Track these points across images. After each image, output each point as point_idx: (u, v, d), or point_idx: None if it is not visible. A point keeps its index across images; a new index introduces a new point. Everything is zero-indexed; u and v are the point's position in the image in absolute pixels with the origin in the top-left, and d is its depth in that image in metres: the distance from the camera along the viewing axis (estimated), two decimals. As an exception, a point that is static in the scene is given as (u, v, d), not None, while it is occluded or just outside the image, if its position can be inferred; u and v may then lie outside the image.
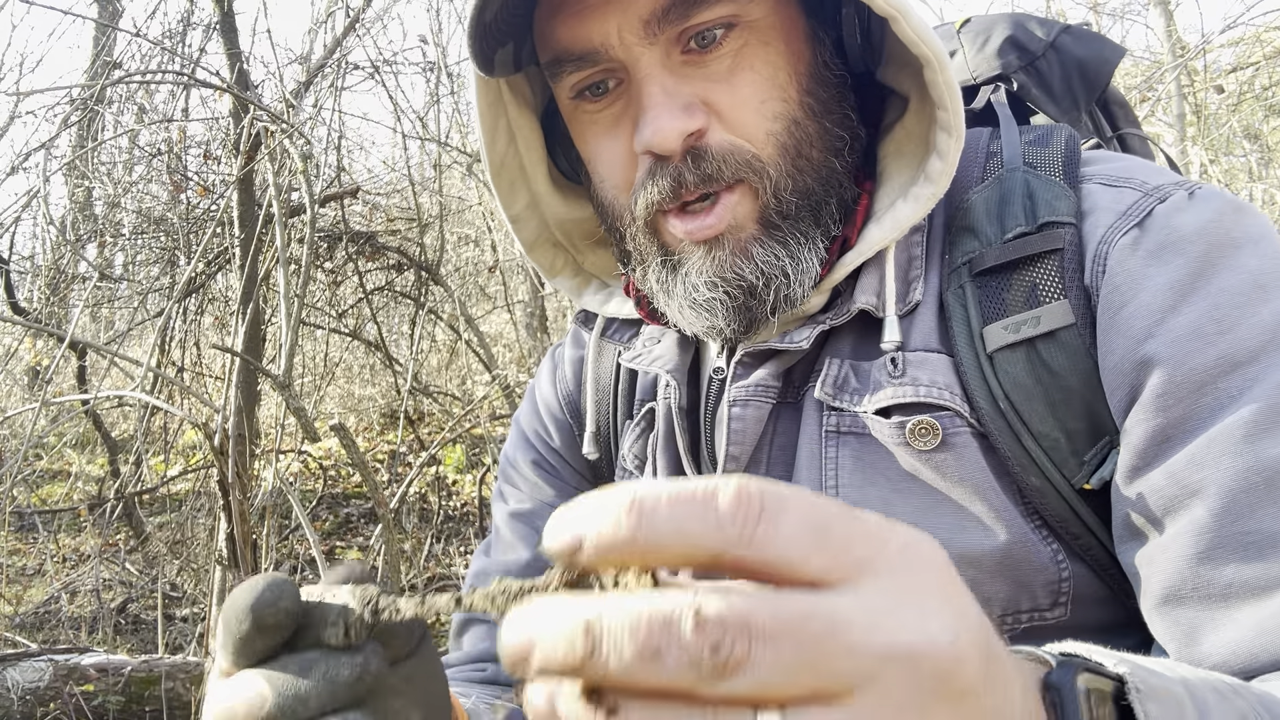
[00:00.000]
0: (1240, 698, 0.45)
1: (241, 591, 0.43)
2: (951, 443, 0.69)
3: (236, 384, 2.79)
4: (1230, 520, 0.59)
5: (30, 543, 5.30)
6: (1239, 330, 0.63)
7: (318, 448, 5.32)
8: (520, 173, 0.87)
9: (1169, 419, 0.63)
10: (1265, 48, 5.18)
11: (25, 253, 6.46)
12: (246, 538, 2.50)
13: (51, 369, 3.44)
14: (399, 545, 3.00)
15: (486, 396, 4.92)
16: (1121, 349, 0.65)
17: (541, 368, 1.03)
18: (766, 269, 0.71)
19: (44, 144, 3.60)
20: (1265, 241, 0.67)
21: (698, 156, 0.69)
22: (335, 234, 4.75)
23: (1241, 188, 5.56)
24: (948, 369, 0.70)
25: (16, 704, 2.82)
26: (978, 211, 0.74)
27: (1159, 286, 0.65)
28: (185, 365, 4.94)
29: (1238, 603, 0.58)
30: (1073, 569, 0.69)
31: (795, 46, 0.72)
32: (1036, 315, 0.68)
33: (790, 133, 0.71)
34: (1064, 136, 0.76)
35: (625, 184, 0.75)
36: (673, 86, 0.68)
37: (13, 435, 4.74)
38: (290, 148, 3.21)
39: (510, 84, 0.83)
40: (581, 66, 0.71)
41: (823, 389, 0.75)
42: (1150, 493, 0.63)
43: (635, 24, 0.67)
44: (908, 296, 0.74)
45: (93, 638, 3.97)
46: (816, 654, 0.28)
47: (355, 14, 4.56)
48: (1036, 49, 0.91)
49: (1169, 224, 0.67)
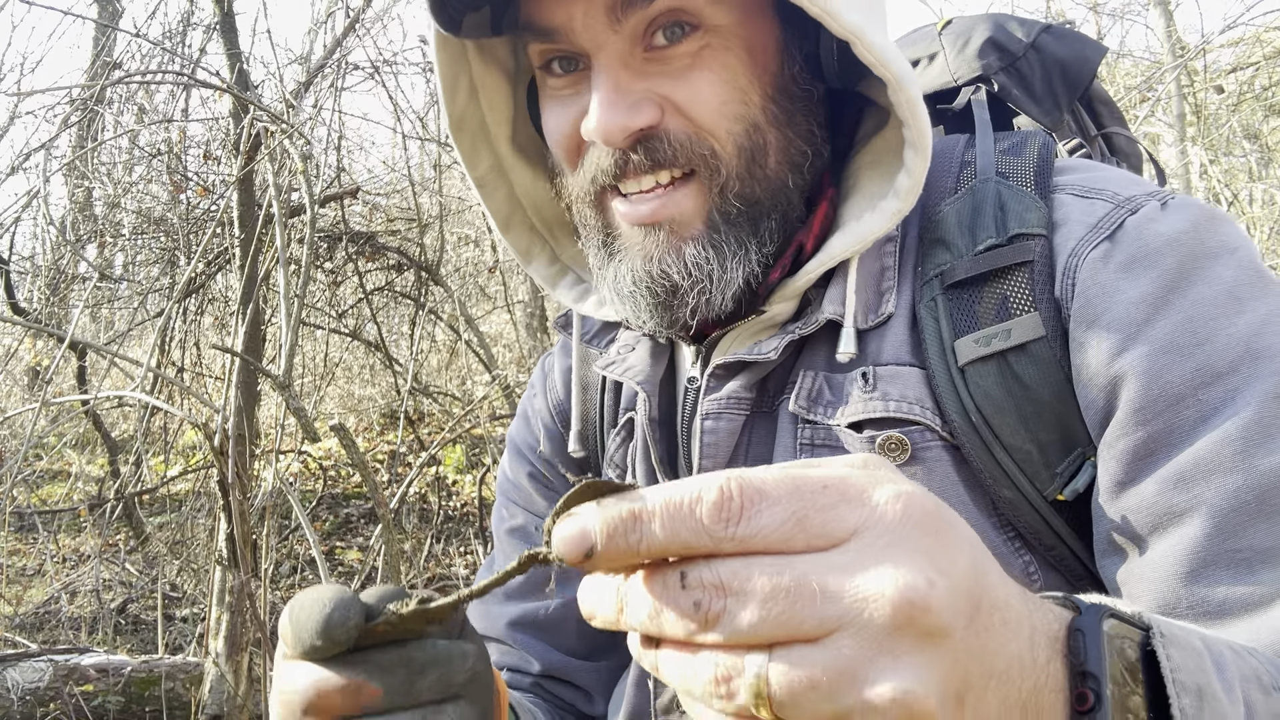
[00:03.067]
0: (1253, 656, 0.46)
1: (309, 609, 0.47)
2: (922, 457, 0.69)
3: (236, 384, 2.79)
4: (1221, 538, 0.59)
5: (30, 543, 5.30)
6: (1215, 342, 0.62)
7: (318, 448, 5.32)
8: (482, 130, 0.86)
9: (1149, 433, 0.62)
10: (1265, 48, 5.18)
11: (25, 253, 6.47)
12: (246, 538, 2.50)
13: (51, 369, 3.44)
14: (399, 545, 3.00)
15: (486, 396, 4.92)
16: (1095, 363, 0.65)
17: (532, 379, 1.04)
18: (694, 271, 0.71)
19: (44, 144, 3.60)
20: (1240, 251, 0.67)
21: (650, 142, 0.69)
22: (335, 234, 4.75)
23: (1241, 188, 5.56)
24: (919, 382, 0.70)
25: (16, 704, 2.82)
26: (949, 223, 0.73)
27: (1131, 300, 0.65)
28: (185, 365, 4.94)
29: (1232, 619, 0.58)
30: (1045, 580, 0.69)
31: (761, 57, 0.72)
32: (1007, 328, 0.68)
33: (750, 136, 0.71)
34: (1037, 145, 0.76)
35: (572, 160, 0.75)
36: (626, 83, 0.69)
37: (13, 435, 4.74)
38: (290, 148, 3.21)
39: (481, 45, 0.83)
40: (542, 39, 0.72)
41: (797, 402, 0.75)
42: (1136, 509, 0.63)
43: (599, 10, 0.68)
44: (880, 308, 0.74)
45: (93, 638, 3.97)
46: (787, 605, 0.33)
47: (355, 14, 4.56)
48: (1017, 50, 0.91)
49: (1140, 236, 0.67)
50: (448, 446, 5.92)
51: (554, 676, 0.96)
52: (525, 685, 0.96)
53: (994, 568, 0.39)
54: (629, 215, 0.72)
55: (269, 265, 3.68)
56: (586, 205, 0.76)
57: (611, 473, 0.89)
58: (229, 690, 2.78)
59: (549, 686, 0.96)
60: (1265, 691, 0.45)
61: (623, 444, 0.88)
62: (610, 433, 0.90)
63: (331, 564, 5.00)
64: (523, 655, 0.95)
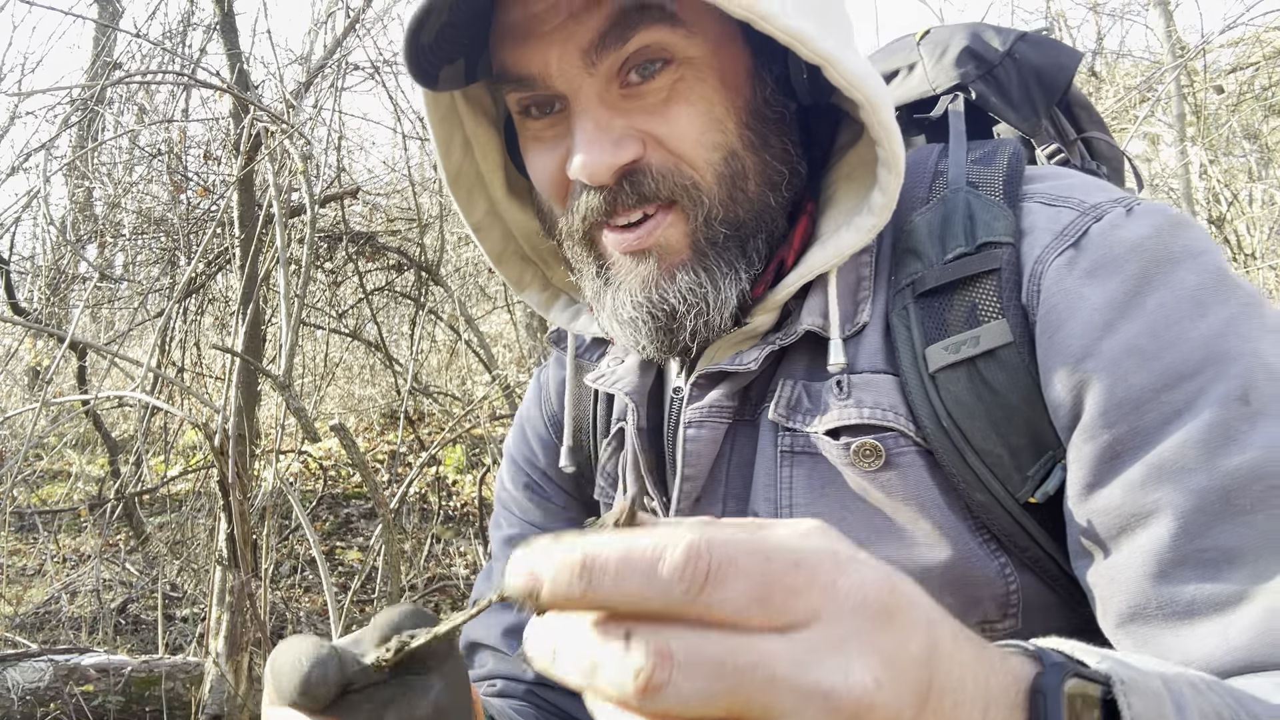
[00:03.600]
0: (1213, 692, 0.46)
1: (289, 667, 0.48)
2: (896, 462, 0.71)
3: (236, 384, 2.79)
4: (1188, 539, 0.60)
5: (30, 543, 5.30)
6: (1179, 346, 0.63)
7: (318, 448, 5.32)
8: (478, 180, 0.89)
9: (1114, 436, 0.63)
10: (1265, 48, 5.18)
11: (25, 253, 6.47)
12: (246, 538, 2.50)
13: (52, 369, 3.44)
14: (399, 545, 3.00)
15: (486, 396, 4.92)
16: (1062, 368, 0.66)
17: (528, 392, 1.05)
18: (689, 295, 0.73)
19: (44, 144, 3.60)
20: (1204, 256, 0.67)
21: (634, 176, 0.71)
22: (335, 234, 4.75)
23: (1241, 188, 5.57)
24: (893, 389, 0.72)
25: (17, 704, 2.82)
26: (920, 233, 0.75)
27: (1095, 305, 0.66)
28: (185, 365, 4.94)
29: (1201, 619, 0.59)
30: (1021, 580, 0.70)
31: (734, 83, 0.73)
32: (976, 335, 0.69)
33: (728, 164, 0.72)
34: (1007, 154, 0.77)
35: (561, 200, 0.77)
36: (606, 121, 0.70)
37: (13, 435, 4.74)
38: (290, 148, 3.22)
39: (466, 94, 0.84)
40: (520, 88, 0.73)
41: (776, 410, 0.76)
42: (1104, 511, 0.64)
43: (574, 55, 0.69)
44: (855, 317, 0.75)
45: (93, 638, 3.97)
46: (737, 687, 0.32)
47: (355, 14, 4.56)
48: (993, 58, 0.92)
49: (1104, 242, 0.68)
50: (448, 446, 5.92)
51: (547, 684, 0.96)
52: (519, 693, 0.96)
53: (948, 643, 0.38)
54: (618, 244, 0.74)
55: (269, 265, 3.68)
56: (578, 242, 0.77)
57: (603, 481, 0.91)
58: (229, 690, 2.79)
59: (542, 694, 0.97)
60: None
61: (614, 454, 0.89)
62: (603, 443, 0.91)
63: (331, 564, 5.00)
64: (516, 663, 0.97)
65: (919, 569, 0.70)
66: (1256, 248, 5.36)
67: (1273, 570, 0.57)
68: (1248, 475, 0.59)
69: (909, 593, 0.37)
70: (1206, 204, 5.48)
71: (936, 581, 0.70)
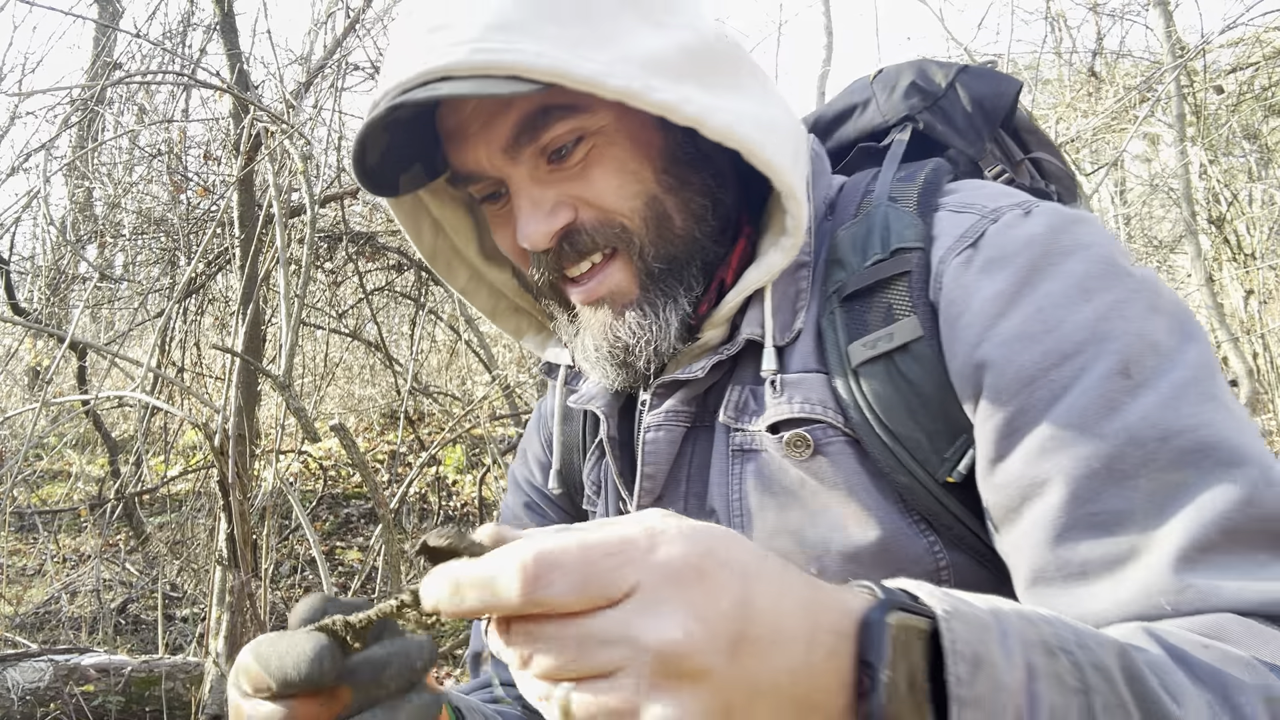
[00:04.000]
0: (1048, 624, 0.50)
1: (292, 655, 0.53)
2: (825, 451, 0.79)
3: (236, 384, 2.79)
4: (1078, 504, 0.65)
5: (30, 543, 5.30)
6: (1063, 328, 0.70)
7: (318, 448, 5.32)
8: (454, 254, 1.00)
9: (1009, 413, 0.70)
10: (1265, 48, 5.18)
11: (25, 253, 6.47)
12: (246, 538, 2.50)
13: (52, 369, 3.44)
14: (399, 545, 3.00)
15: (486, 397, 4.92)
16: (961, 355, 0.73)
17: (530, 420, 1.16)
18: (636, 330, 0.84)
19: (44, 145, 3.60)
20: (1095, 248, 0.74)
21: (571, 236, 0.82)
22: (335, 234, 4.76)
23: (1241, 188, 5.56)
24: (822, 386, 0.80)
25: (17, 704, 2.82)
26: (844, 245, 0.84)
27: (988, 296, 0.73)
28: (185, 365, 4.94)
29: (1094, 578, 0.64)
30: (951, 558, 0.76)
31: (644, 138, 0.82)
32: (890, 331, 0.77)
33: (651, 207, 0.82)
34: (926, 171, 0.87)
35: (525, 264, 0.88)
36: (538, 195, 0.81)
37: (13, 435, 4.74)
38: (290, 148, 3.22)
39: (430, 186, 0.94)
40: (469, 183, 0.85)
41: (726, 413, 0.86)
42: (1006, 484, 0.70)
43: (497, 150, 0.80)
44: (793, 325, 0.84)
45: (93, 638, 3.98)
46: (579, 654, 0.42)
47: (355, 15, 4.56)
48: (937, 90, 1.01)
49: (999, 240, 0.76)
50: (448, 446, 5.92)
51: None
52: (515, 696, 0.97)
53: (767, 594, 0.44)
54: (578, 296, 0.85)
55: (269, 265, 3.69)
56: (547, 295, 0.89)
57: (589, 490, 1.00)
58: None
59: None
60: (1050, 654, 0.48)
61: (596, 463, 0.98)
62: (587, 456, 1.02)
63: (331, 564, 5.00)
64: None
65: (853, 547, 0.77)
66: (1256, 248, 5.36)
67: (1156, 529, 0.62)
68: (1128, 442, 0.64)
69: (724, 557, 0.44)
70: (1206, 204, 5.48)
71: (868, 559, 0.76)
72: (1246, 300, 5.35)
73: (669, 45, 0.78)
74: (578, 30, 0.75)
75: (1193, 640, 0.56)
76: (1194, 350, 0.69)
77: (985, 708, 0.45)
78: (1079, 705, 0.47)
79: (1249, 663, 0.55)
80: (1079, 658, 0.49)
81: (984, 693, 0.45)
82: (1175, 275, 7.06)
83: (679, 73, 0.77)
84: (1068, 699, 0.47)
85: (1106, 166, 4.84)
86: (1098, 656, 0.50)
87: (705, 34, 0.82)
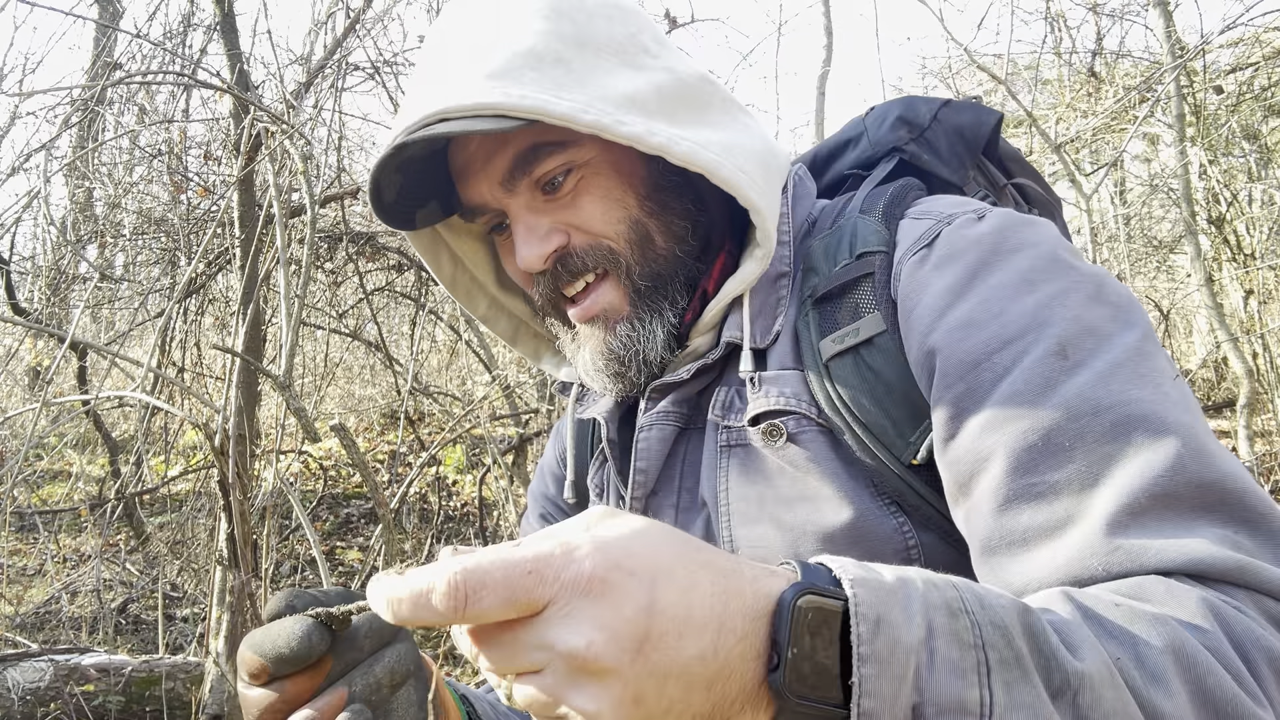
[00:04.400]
0: (954, 589, 0.54)
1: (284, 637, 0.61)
2: (799, 439, 0.86)
3: (237, 384, 2.79)
4: (1018, 475, 0.70)
5: (31, 543, 5.31)
6: (1006, 316, 0.76)
7: (318, 448, 5.32)
8: (474, 283, 1.11)
9: (956, 394, 0.75)
10: (1264, 48, 5.18)
11: (26, 253, 6.47)
12: (247, 538, 2.50)
13: (52, 369, 3.44)
14: (399, 545, 3.00)
15: (486, 397, 4.93)
16: (916, 345, 0.80)
17: (549, 439, 1.25)
18: (626, 342, 0.93)
19: (45, 145, 3.61)
20: (1043, 246, 0.81)
21: (565, 259, 0.92)
22: (336, 234, 4.76)
23: (1241, 188, 5.56)
24: (797, 381, 0.88)
25: (17, 704, 2.82)
26: (817, 254, 0.93)
27: (938, 290, 0.80)
28: (186, 366, 4.94)
29: (1035, 546, 0.68)
30: (920, 538, 0.82)
31: (628, 168, 0.92)
32: (856, 327, 0.85)
33: (635, 230, 0.92)
34: (893, 187, 0.95)
35: (530, 288, 0.98)
36: (533, 222, 0.91)
37: (13, 435, 4.75)
38: (291, 148, 3.22)
39: (449, 221, 1.05)
40: (477, 216, 0.95)
41: (713, 412, 0.93)
42: (956, 461, 0.75)
43: (496, 184, 0.91)
44: (772, 329, 0.92)
45: (93, 638, 3.98)
46: (511, 655, 0.48)
47: (355, 15, 4.57)
48: (922, 122, 1.09)
49: (950, 240, 0.84)
50: (448, 446, 5.92)
51: None
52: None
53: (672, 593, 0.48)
54: (576, 315, 0.95)
55: (269, 265, 3.69)
56: (551, 314, 0.98)
57: (593, 493, 1.07)
58: (229, 690, 2.79)
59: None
60: (952, 615, 0.52)
61: (599, 468, 1.07)
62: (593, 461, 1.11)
63: (331, 564, 5.00)
64: None
65: (827, 528, 0.83)
66: (1256, 248, 5.36)
67: (1089, 497, 0.67)
68: (1064, 417, 0.69)
69: (630, 566, 0.48)
70: (1206, 204, 5.48)
71: (841, 540, 0.82)
72: (1246, 300, 5.35)
73: (643, 85, 0.88)
74: (558, 75, 0.85)
75: (1106, 601, 0.60)
76: (1131, 335, 0.74)
77: (884, 662, 0.50)
78: (974, 660, 0.51)
79: (1159, 618, 0.58)
80: (979, 617, 0.53)
81: (883, 649, 0.50)
82: (1175, 275, 7.07)
83: (649, 109, 0.87)
84: (964, 654, 0.51)
85: (1106, 166, 4.84)
86: (998, 616, 0.53)
87: (681, 74, 0.93)
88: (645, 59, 0.92)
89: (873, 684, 0.49)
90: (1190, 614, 0.59)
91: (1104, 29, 6.47)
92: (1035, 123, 4.37)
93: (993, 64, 5.16)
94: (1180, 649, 0.56)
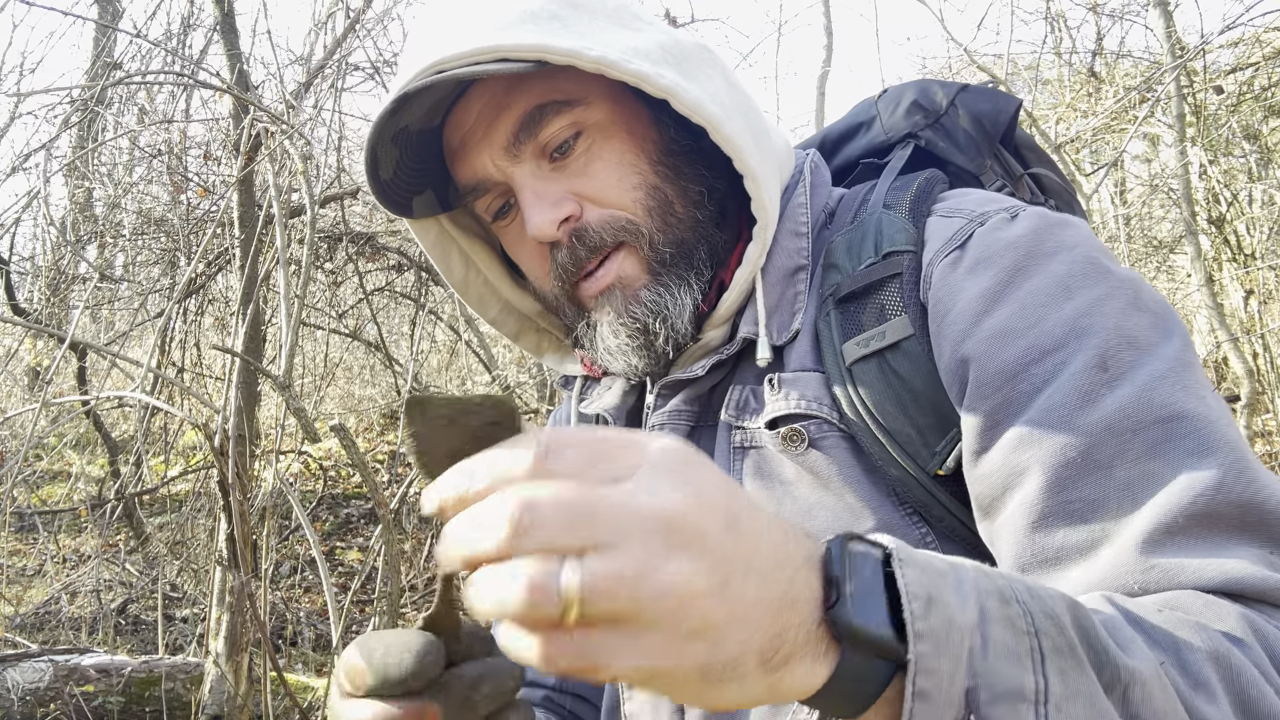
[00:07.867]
0: (1004, 578, 0.53)
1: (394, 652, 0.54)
2: (820, 445, 0.82)
3: (237, 384, 2.79)
4: (1055, 492, 0.67)
5: (30, 543, 5.31)
6: (1044, 325, 0.73)
7: (318, 448, 5.32)
8: (486, 287, 1.06)
9: (991, 406, 0.72)
10: (1265, 48, 5.18)
11: (25, 253, 6.47)
12: (246, 538, 2.50)
13: (52, 370, 3.44)
14: (399, 545, 3.00)
15: (486, 397, 4.91)
16: (948, 352, 0.77)
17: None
18: (654, 308, 0.86)
19: (44, 145, 3.61)
20: (1079, 249, 0.78)
21: (581, 234, 0.86)
22: (335, 234, 4.76)
23: (1241, 188, 5.56)
24: (818, 384, 0.83)
25: (17, 704, 2.82)
26: (839, 250, 0.88)
27: (973, 295, 0.77)
28: (185, 366, 4.94)
29: (1069, 564, 0.66)
30: (943, 549, 0.78)
31: (640, 131, 0.88)
32: (882, 330, 0.80)
33: (652, 196, 0.87)
34: (920, 180, 0.90)
35: (544, 274, 0.91)
36: (542, 189, 0.85)
37: (13, 436, 4.74)
38: (290, 148, 3.22)
39: (456, 222, 1.01)
40: (478, 194, 0.89)
41: (727, 412, 0.89)
42: (989, 474, 0.72)
43: (499, 151, 0.85)
44: (790, 326, 0.87)
45: (93, 638, 3.98)
46: (588, 518, 0.42)
47: (355, 15, 4.57)
48: (938, 108, 1.04)
49: (984, 242, 0.80)
50: (448, 447, 5.90)
51: (566, 690, 1.03)
52: (538, 699, 1.02)
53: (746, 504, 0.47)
54: (590, 290, 0.88)
55: (269, 266, 3.69)
56: (565, 300, 0.91)
57: None
58: (229, 690, 2.79)
59: (559, 700, 1.02)
60: (1005, 602, 0.51)
61: None
62: None
63: (331, 564, 5.00)
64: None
65: None
66: (1256, 248, 5.36)
67: (1128, 516, 0.65)
68: (1105, 432, 0.67)
69: (705, 460, 0.47)
70: (1206, 204, 5.48)
71: None
72: (1246, 300, 5.35)
73: (645, 39, 0.84)
74: (555, 27, 0.81)
75: (1148, 606, 0.59)
76: (1172, 346, 0.71)
77: (939, 640, 0.48)
78: (1029, 645, 0.50)
79: (1202, 626, 0.57)
80: (1030, 606, 0.51)
81: (938, 626, 0.48)
82: (1175, 275, 7.06)
83: (654, 58, 0.82)
84: (1019, 639, 0.50)
85: (1106, 167, 4.84)
86: (1048, 606, 0.52)
87: (678, 36, 0.88)
88: (640, 24, 0.88)
89: (930, 661, 0.47)
90: (1230, 628, 0.58)
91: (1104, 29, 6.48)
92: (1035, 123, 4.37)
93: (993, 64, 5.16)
94: (1224, 659, 0.55)
